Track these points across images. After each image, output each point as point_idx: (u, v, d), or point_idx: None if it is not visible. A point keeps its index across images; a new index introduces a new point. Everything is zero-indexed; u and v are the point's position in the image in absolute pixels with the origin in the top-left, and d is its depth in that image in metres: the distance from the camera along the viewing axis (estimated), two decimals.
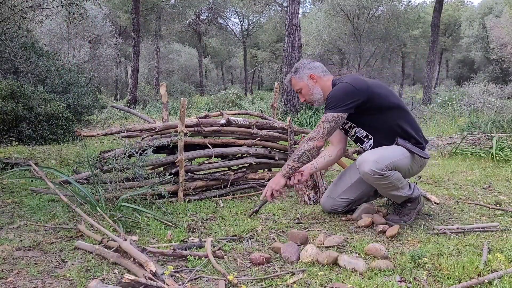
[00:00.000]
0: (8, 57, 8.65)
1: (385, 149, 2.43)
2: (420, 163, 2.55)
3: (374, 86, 2.49)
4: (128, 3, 21.85)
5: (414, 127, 2.55)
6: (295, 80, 2.65)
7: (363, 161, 2.35)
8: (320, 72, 2.63)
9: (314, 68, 2.62)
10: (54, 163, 4.86)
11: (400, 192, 2.47)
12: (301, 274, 1.81)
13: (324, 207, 2.82)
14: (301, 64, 2.66)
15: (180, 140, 3.00)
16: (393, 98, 2.53)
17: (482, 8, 31.16)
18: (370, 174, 2.33)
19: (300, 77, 2.63)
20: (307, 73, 2.61)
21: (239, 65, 45.03)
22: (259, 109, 5.09)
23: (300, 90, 2.65)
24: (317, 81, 2.61)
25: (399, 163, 2.39)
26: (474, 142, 5.98)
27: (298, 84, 2.64)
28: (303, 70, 2.62)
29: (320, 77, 2.61)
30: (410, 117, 2.57)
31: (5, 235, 2.32)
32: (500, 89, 14.26)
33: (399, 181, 2.42)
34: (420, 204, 2.64)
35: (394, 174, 2.38)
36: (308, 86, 2.61)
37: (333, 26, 20.42)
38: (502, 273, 1.72)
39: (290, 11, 11.04)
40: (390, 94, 2.55)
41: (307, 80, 2.61)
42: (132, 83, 19.41)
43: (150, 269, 1.72)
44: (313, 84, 2.61)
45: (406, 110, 2.58)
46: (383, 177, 2.34)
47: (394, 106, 2.51)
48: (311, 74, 2.61)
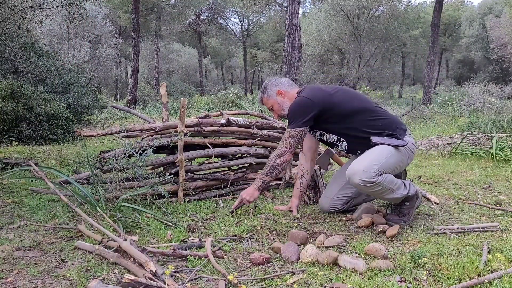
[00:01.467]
0: (8, 57, 8.65)
1: (370, 155, 2.43)
2: (407, 153, 2.53)
3: (333, 95, 2.54)
4: (128, 3, 21.86)
5: (385, 122, 2.54)
6: (266, 98, 2.76)
7: (352, 173, 2.37)
8: (286, 86, 2.73)
9: (280, 84, 2.73)
10: (54, 163, 4.86)
11: (396, 194, 2.47)
12: (301, 274, 1.81)
13: (323, 207, 2.82)
14: (268, 83, 2.76)
15: (180, 140, 3.00)
16: (355, 102, 2.55)
17: (482, 8, 31.17)
18: (362, 185, 2.35)
19: (269, 95, 2.74)
20: (274, 90, 2.72)
21: (239, 65, 45.05)
22: (259, 109, 5.10)
23: (272, 107, 2.76)
24: (285, 95, 2.71)
25: (387, 165, 2.39)
26: (474, 142, 5.98)
27: (269, 102, 2.75)
28: (270, 88, 2.73)
29: (287, 91, 2.71)
30: (379, 114, 2.56)
31: (5, 235, 2.32)
32: (500, 89, 14.26)
33: (393, 183, 2.43)
34: (418, 201, 2.64)
35: (386, 178, 2.38)
36: (277, 102, 2.72)
37: (333, 26, 20.43)
38: (502, 273, 1.72)
39: (290, 11, 11.05)
40: (351, 98, 2.57)
41: (276, 97, 2.72)
42: (132, 83, 19.42)
43: (150, 269, 1.72)
44: (282, 99, 2.71)
45: (371, 109, 2.56)
46: (375, 184, 2.34)
47: (357, 110, 2.53)
48: (278, 90, 2.71)
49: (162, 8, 24.85)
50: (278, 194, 3.45)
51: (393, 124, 2.57)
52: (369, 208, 2.73)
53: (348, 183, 2.70)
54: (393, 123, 2.57)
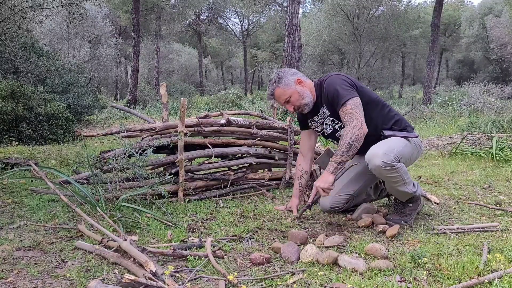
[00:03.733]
0: (8, 57, 8.66)
1: (387, 142, 2.44)
2: (417, 149, 2.57)
3: (356, 83, 2.57)
4: (128, 3, 21.86)
5: (397, 118, 2.59)
6: (282, 89, 2.52)
7: (372, 155, 2.32)
8: (302, 76, 2.59)
9: (296, 73, 2.57)
10: (54, 163, 4.86)
11: (407, 188, 2.45)
12: (301, 274, 1.81)
13: (323, 206, 2.78)
14: (282, 73, 2.55)
15: (180, 140, 3.00)
16: (375, 94, 2.62)
17: (482, 8, 31.15)
18: (382, 167, 2.29)
19: (286, 85, 2.51)
20: (293, 79, 2.52)
21: (239, 65, 45.04)
22: (259, 109, 5.09)
23: (289, 99, 2.54)
24: (304, 84, 2.55)
25: (403, 153, 2.41)
26: (474, 142, 5.98)
27: (287, 92, 2.52)
28: (287, 78, 2.52)
29: (305, 81, 2.57)
30: (392, 111, 2.62)
31: (5, 235, 2.32)
32: (500, 89, 14.27)
33: (406, 175, 2.43)
34: (421, 205, 2.66)
35: (402, 166, 2.38)
36: (297, 92, 2.52)
37: (333, 26, 20.43)
38: (502, 273, 1.72)
39: (290, 11, 11.05)
40: (370, 90, 2.66)
41: (295, 86, 2.52)
42: (132, 83, 19.42)
43: (150, 269, 1.72)
44: (301, 88, 2.53)
45: (387, 105, 2.62)
46: (394, 169, 2.31)
47: (377, 101, 2.56)
48: (298, 78, 2.54)
49: (162, 8, 24.85)
50: (278, 194, 3.45)
51: (403, 121, 2.62)
52: (369, 208, 2.73)
53: (349, 181, 2.70)
54: (403, 122, 2.62)
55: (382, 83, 24.06)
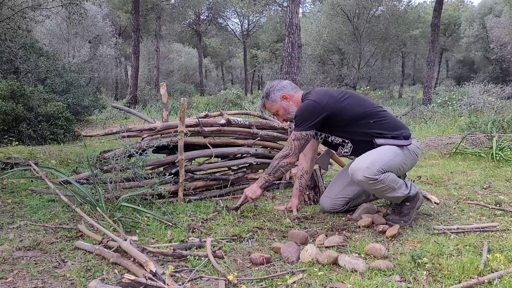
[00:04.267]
0: (8, 57, 8.66)
1: (374, 153, 2.45)
2: (411, 156, 2.54)
3: (341, 101, 2.53)
4: (128, 3, 21.85)
5: (389, 126, 2.55)
6: (269, 104, 2.71)
7: (355, 169, 2.39)
8: (290, 90, 2.69)
9: (283, 88, 2.69)
10: (54, 163, 4.86)
11: (397, 193, 2.48)
12: (301, 274, 1.81)
13: (323, 207, 2.84)
14: (270, 87, 2.71)
15: (180, 140, 3.00)
16: (362, 108, 2.55)
17: (482, 8, 31.14)
18: (364, 181, 2.36)
19: (273, 101, 2.69)
20: (278, 95, 2.67)
21: (239, 65, 45.04)
22: (259, 109, 5.11)
23: (277, 112, 2.72)
24: (290, 99, 2.68)
25: (391, 164, 2.41)
26: (474, 142, 5.98)
27: (273, 107, 2.71)
28: (274, 93, 2.68)
29: (291, 95, 2.68)
30: (384, 118, 2.57)
31: (5, 235, 2.32)
32: (500, 89, 14.26)
33: (395, 182, 2.43)
34: (419, 202, 2.64)
35: (388, 177, 2.39)
36: (283, 107, 2.68)
37: (333, 26, 20.43)
38: (502, 273, 1.72)
39: (290, 11, 11.04)
40: (358, 103, 2.56)
41: (280, 102, 2.67)
42: (132, 83, 19.42)
43: (150, 269, 1.72)
44: (287, 103, 2.68)
45: (377, 114, 2.56)
46: (377, 182, 2.35)
47: (363, 115, 2.53)
48: (283, 94, 2.67)
49: (162, 8, 24.83)
50: (278, 194, 3.45)
51: (397, 128, 2.57)
52: (369, 208, 2.73)
53: (349, 184, 2.72)
54: (397, 127, 2.58)
55: (382, 83, 24.06)
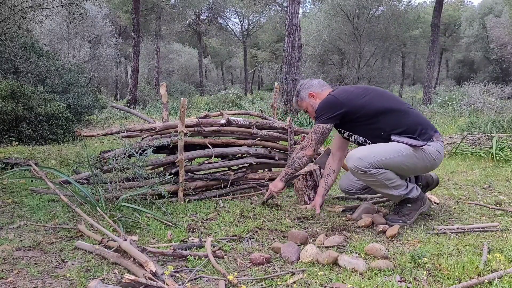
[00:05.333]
0: (8, 57, 8.66)
1: (377, 147, 2.47)
2: (426, 158, 2.45)
3: (361, 98, 2.56)
4: (128, 3, 21.85)
5: (409, 123, 2.49)
6: (299, 102, 2.88)
7: (349, 156, 2.47)
8: (318, 88, 2.81)
9: (311, 87, 2.82)
10: (54, 163, 4.86)
11: (392, 191, 2.49)
12: (301, 274, 1.81)
13: (340, 185, 2.96)
14: (300, 86, 2.87)
15: (180, 140, 3.00)
16: (382, 103, 2.54)
17: (482, 8, 31.14)
18: (353, 170, 2.46)
19: (302, 98, 2.84)
20: (306, 93, 2.82)
21: (239, 65, 45.03)
22: (259, 109, 5.10)
23: (306, 109, 2.87)
24: (317, 96, 2.79)
25: (389, 162, 2.40)
26: (474, 142, 5.98)
27: (303, 105, 2.86)
28: (303, 91, 2.83)
29: (318, 92, 2.79)
30: (404, 115, 2.52)
31: (5, 235, 2.32)
32: (500, 89, 14.26)
33: (389, 180, 2.44)
34: (424, 206, 2.62)
35: (382, 173, 2.40)
36: (310, 104, 2.81)
37: (333, 26, 20.41)
38: (502, 273, 1.72)
39: (290, 11, 11.04)
40: (379, 99, 2.56)
41: (308, 99, 2.82)
42: (132, 83, 19.42)
43: (150, 269, 1.72)
44: (314, 101, 2.80)
45: (397, 109, 2.54)
46: (366, 174, 2.41)
47: (382, 110, 2.51)
48: (310, 92, 2.81)
49: (162, 8, 24.83)
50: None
51: (419, 126, 2.50)
52: (369, 208, 2.73)
53: None
54: (418, 125, 2.51)
55: (382, 83, 24.01)
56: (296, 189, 3.17)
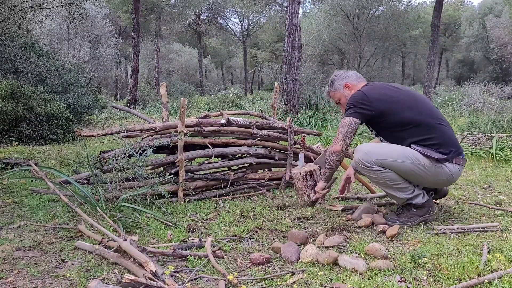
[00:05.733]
0: (8, 57, 8.65)
1: (389, 147, 2.46)
2: (437, 172, 2.41)
3: (391, 100, 2.45)
4: (128, 3, 21.85)
5: (434, 142, 2.41)
6: (333, 92, 2.77)
7: (358, 149, 2.52)
8: (354, 80, 2.71)
9: (347, 77, 2.72)
10: (54, 163, 4.86)
11: (395, 192, 2.49)
12: (301, 274, 1.81)
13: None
14: (335, 76, 2.77)
15: (180, 140, 3.00)
16: (411, 114, 2.43)
17: (482, 8, 31.14)
18: (357, 162, 2.50)
19: (336, 89, 2.74)
20: (342, 84, 2.71)
21: (239, 65, 45.02)
22: (259, 109, 5.10)
23: (339, 101, 2.76)
24: (352, 88, 2.68)
25: (394, 165, 2.39)
26: (474, 142, 5.98)
27: (336, 96, 2.76)
28: (338, 82, 2.73)
29: (354, 84, 2.69)
30: (433, 130, 2.43)
31: (5, 235, 2.32)
32: (500, 89, 14.25)
33: (393, 181, 2.44)
34: (429, 216, 2.54)
35: (385, 173, 2.41)
36: (344, 96, 2.70)
37: (333, 26, 20.41)
38: (502, 273, 1.72)
39: (290, 11, 11.04)
40: (409, 108, 2.44)
41: (343, 90, 2.71)
42: (132, 83, 19.41)
43: (150, 269, 1.72)
44: (349, 92, 2.69)
45: (427, 125, 2.43)
46: (369, 170, 2.45)
47: (409, 122, 2.43)
48: (346, 83, 2.70)
49: (162, 8, 24.82)
50: (278, 194, 3.45)
51: (443, 144, 2.43)
52: (369, 208, 2.73)
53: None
54: (443, 142, 2.43)
55: None
56: (296, 189, 3.17)
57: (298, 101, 11.14)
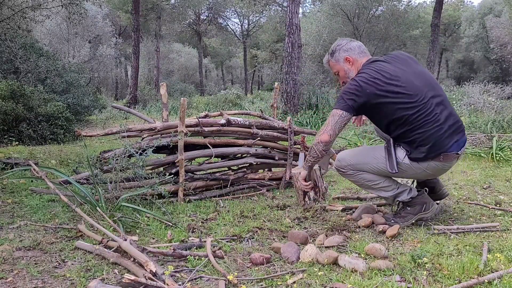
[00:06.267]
0: (8, 57, 8.65)
1: (358, 151, 2.60)
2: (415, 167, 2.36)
3: (382, 94, 2.28)
4: (128, 3, 21.83)
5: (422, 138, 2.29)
6: (332, 63, 2.58)
7: (337, 156, 2.63)
8: (357, 54, 2.51)
9: (350, 50, 2.51)
10: (54, 163, 4.86)
11: (378, 192, 2.56)
12: (301, 274, 1.81)
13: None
14: (338, 45, 2.56)
15: (180, 140, 3.00)
16: (400, 109, 2.28)
17: (482, 8, 31.13)
18: (336, 169, 2.62)
19: (337, 60, 2.55)
20: (343, 56, 2.52)
21: (239, 65, 45.02)
22: (259, 109, 5.10)
23: (338, 73, 2.59)
24: (353, 63, 2.51)
25: (365, 167, 2.47)
26: (474, 142, 5.98)
27: (335, 67, 2.58)
28: (339, 53, 2.53)
29: (356, 59, 2.50)
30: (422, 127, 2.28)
31: (5, 235, 2.32)
32: (500, 89, 14.24)
33: (371, 182, 2.50)
34: (425, 213, 2.49)
35: (358, 175, 2.51)
36: (344, 69, 2.53)
37: (333, 26, 20.41)
38: (502, 273, 1.72)
39: (290, 11, 11.03)
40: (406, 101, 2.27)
41: (343, 63, 2.53)
42: (132, 83, 19.40)
43: (150, 269, 1.72)
44: (349, 67, 2.52)
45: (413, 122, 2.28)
46: (345, 174, 2.58)
47: (398, 118, 2.30)
48: (347, 56, 2.51)
49: (162, 8, 24.81)
50: (278, 194, 3.45)
51: (430, 142, 2.28)
52: (369, 208, 2.73)
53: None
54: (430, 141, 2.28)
55: None
56: (296, 189, 3.16)
57: (298, 101, 11.13)
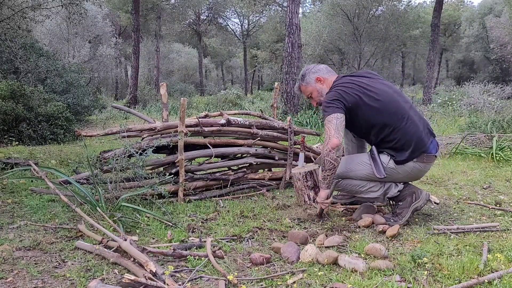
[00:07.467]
0: (8, 57, 8.65)
1: (344, 160, 2.63)
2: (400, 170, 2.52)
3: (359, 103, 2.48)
4: (128, 3, 21.84)
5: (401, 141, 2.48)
6: (304, 86, 2.79)
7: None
8: (325, 73, 2.74)
9: (319, 71, 2.75)
10: (54, 163, 4.86)
11: (367, 194, 2.62)
12: (301, 274, 1.81)
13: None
14: (306, 70, 2.79)
15: (180, 140, 3.00)
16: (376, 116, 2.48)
17: (482, 8, 31.13)
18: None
19: (307, 83, 2.76)
20: (313, 77, 2.73)
21: (239, 65, 45.02)
22: (259, 109, 5.10)
23: (311, 95, 2.78)
24: (324, 82, 2.72)
25: (351, 174, 2.59)
26: (474, 142, 5.97)
27: (308, 89, 2.77)
28: (309, 76, 2.75)
29: (326, 78, 2.73)
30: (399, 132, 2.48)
31: (5, 235, 2.32)
32: (500, 89, 14.24)
33: (358, 186, 2.59)
34: (417, 202, 2.53)
35: (345, 180, 2.60)
36: (316, 89, 2.74)
37: (333, 26, 20.40)
38: (502, 273, 1.72)
39: (290, 11, 11.02)
40: (375, 109, 2.48)
41: (314, 84, 2.74)
42: (132, 83, 19.40)
43: (150, 269, 1.72)
44: (321, 86, 2.73)
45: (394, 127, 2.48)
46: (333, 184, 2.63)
47: (374, 125, 2.52)
48: (317, 77, 2.73)
49: (162, 8, 24.81)
50: (278, 194, 3.45)
51: (409, 144, 2.48)
52: (369, 208, 2.73)
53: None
54: (409, 144, 2.48)
55: None
56: (296, 189, 3.16)
57: (298, 101, 11.13)
